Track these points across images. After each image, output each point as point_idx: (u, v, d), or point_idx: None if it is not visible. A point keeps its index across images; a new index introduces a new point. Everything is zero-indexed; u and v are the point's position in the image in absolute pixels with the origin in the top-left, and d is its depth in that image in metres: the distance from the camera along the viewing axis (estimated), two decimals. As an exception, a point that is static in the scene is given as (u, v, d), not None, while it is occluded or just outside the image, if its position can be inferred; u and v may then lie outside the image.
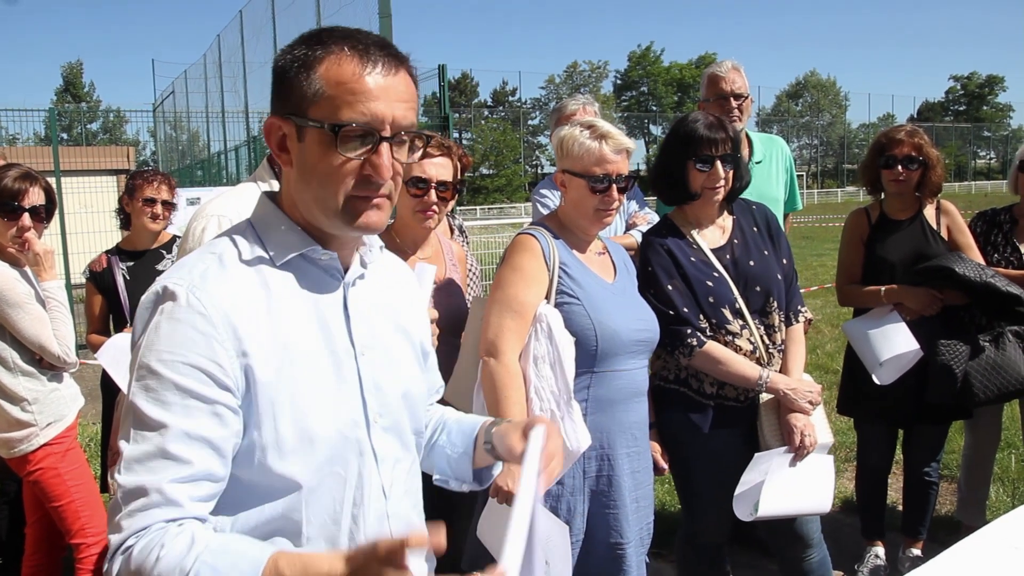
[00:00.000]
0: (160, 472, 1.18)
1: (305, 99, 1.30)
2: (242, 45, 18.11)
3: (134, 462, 1.19)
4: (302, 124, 1.31)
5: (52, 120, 12.40)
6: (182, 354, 1.22)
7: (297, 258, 1.37)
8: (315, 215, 1.36)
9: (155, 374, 1.22)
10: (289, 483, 1.30)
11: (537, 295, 2.53)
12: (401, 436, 1.49)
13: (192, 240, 2.09)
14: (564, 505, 2.54)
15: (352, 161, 1.30)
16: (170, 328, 1.24)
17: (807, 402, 2.82)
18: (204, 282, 1.27)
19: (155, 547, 1.14)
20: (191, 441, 1.20)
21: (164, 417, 1.20)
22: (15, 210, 3.10)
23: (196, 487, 1.21)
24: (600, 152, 2.55)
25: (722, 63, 3.87)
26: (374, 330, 1.46)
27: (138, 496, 1.17)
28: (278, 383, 1.28)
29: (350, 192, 1.31)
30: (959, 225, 3.70)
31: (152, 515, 1.17)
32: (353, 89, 1.28)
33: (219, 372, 1.23)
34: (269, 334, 1.29)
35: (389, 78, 1.31)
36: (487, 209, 49.28)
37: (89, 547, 3.25)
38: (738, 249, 2.94)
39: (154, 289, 1.29)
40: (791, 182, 4.10)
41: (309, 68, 1.30)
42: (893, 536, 4.01)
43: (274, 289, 1.33)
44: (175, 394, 1.21)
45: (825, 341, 8.99)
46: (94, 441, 5.67)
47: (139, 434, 1.20)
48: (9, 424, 3.12)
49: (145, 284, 4.07)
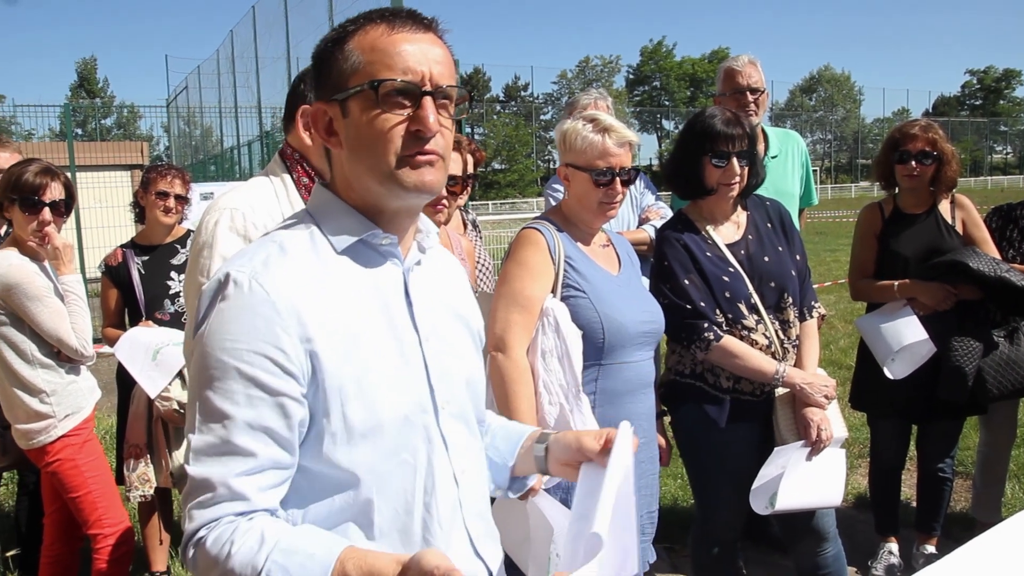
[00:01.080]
0: (226, 465, 1.19)
1: (343, 74, 1.32)
2: (255, 41, 18.19)
3: (201, 453, 1.20)
4: (344, 97, 1.32)
5: (67, 116, 12.50)
6: (245, 341, 1.21)
7: (357, 244, 1.35)
8: (370, 188, 1.34)
9: (219, 362, 1.21)
10: (357, 471, 1.29)
11: (543, 289, 2.53)
12: (468, 423, 1.48)
13: (205, 233, 2.10)
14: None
15: (398, 119, 1.30)
16: (233, 315, 1.23)
17: (823, 396, 2.82)
18: (266, 269, 1.26)
19: (226, 542, 1.16)
20: (255, 432, 1.21)
21: (228, 407, 1.20)
22: (36, 204, 3.13)
23: (263, 477, 1.21)
24: (603, 145, 2.55)
25: (738, 57, 3.86)
26: (435, 316, 1.44)
27: (207, 489, 1.19)
28: (344, 369, 1.27)
29: (400, 152, 1.30)
30: (974, 219, 3.67)
31: (221, 508, 1.19)
32: (387, 50, 1.30)
33: (283, 359, 1.22)
34: (333, 320, 1.27)
35: (419, 36, 1.32)
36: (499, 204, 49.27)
37: (106, 538, 3.28)
38: (753, 245, 2.93)
39: (216, 277, 1.28)
40: (807, 177, 4.09)
41: (342, 44, 1.33)
42: (907, 532, 3.99)
43: (336, 275, 1.32)
44: (239, 383, 1.20)
45: (839, 336, 8.96)
46: (109, 434, 5.72)
47: (205, 424, 1.21)
48: (28, 416, 3.16)
49: (160, 278, 4.11)
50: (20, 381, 3.14)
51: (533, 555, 2.35)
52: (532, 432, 1.63)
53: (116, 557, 3.31)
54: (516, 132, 67.67)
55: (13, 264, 3.10)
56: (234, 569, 1.14)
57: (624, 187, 2.59)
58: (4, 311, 3.10)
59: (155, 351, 3.60)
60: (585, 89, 4.51)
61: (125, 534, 3.34)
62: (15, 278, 3.07)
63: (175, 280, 3.92)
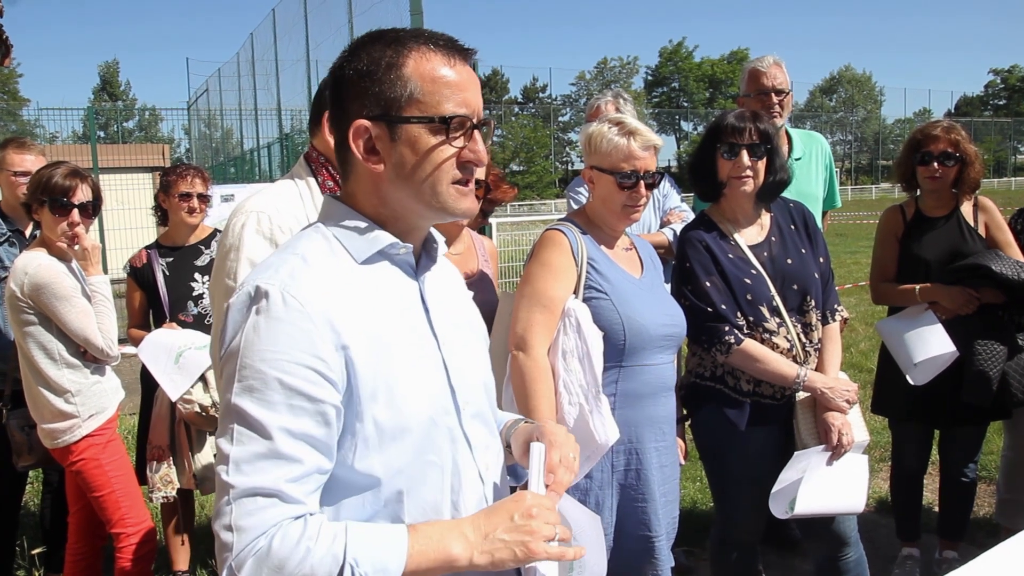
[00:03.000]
0: (273, 472, 1.20)
1: (399, 99, 1.35)
2: (275, 43, 18.29)
3: (244, 463, 1.20)
4: (398, 123, 1.35)
5: (90, 118, 12.64)
6: (285, 352, 1.23)
7: (376, 254, 1.39)
8: (413, 209, 1.40)
9: (259, 373, 1.22)
10: (387, 472, 1.33)
11: (566, 290, 2.54)
12: (487, 422, 1.54)
13: (232, 236, 2.12)
14: (592, 499, 2.55)
15: (455, 151, 1.36)
16: (270, 327, 1.24)
17: (844, 401, 2.80)
18: (294, 280, 1.28)
19: (301, 541, 1.18)
20: (297, 440, 1.22)
21: (270, 418, 1.21)
22: (65, 206, 3.18)
23: (309, 482, 1.24)
24: (628, 148, 2.56)
25: (763, 58, 3.84)
26: (449, 321, 1.49)
27: (255, 496, 1.19)
28: (376, 373, 1.30)
29: (454, 179, 1.37)
30: (997, 222, 3.63)
31: (277, 513, 1.19)
32: (449, 83, 1.35)
33: (324, 367, 1.24)
34: (362, 326, 1.30)
35: (466, 68, 1.39)
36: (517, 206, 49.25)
37: (129, 536, 3.32)
38: (776, 247, 2.92)
39: (245, 291, 1.30)
40: (831, 179, 4.06)
41: (396, 68, 1.35)
42: (929, 538, 3.96)
43: (359, 284, 1.35)
44: (280, 393, 1.22)
45: (859, 339, 8.90)
46: (131, 434, 5.78)
47: (245, 434, 1.21)
48: (53, 415, 3.20)
49: (184, 279, 4.14)
50: (46, 380, 3.19)
51: None
52: (508, 422, 1.70)
53: (139, 556, 3.34)
54: (534, 134, 67.65)
55: (42, 264, 3.15)
56: (314, 565, 1.17)
57: (648, 191, 2.60)
58: (33, 311, 3.15)
59: (178, 354, 3.62)
60: (603, 90, 4.51)
61: (148, 533, 3.38)
62: (44, 278, 3.11)
63: (199, 282, 3.95)
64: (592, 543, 2.36)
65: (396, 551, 1.21)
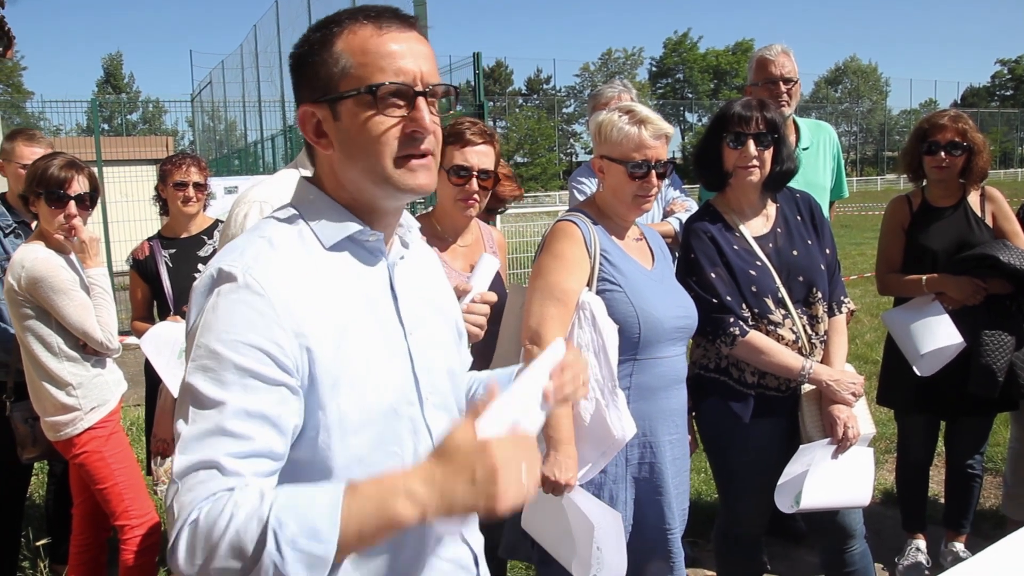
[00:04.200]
0: (217, 447, 1.15)
1: (333, 77, 1.33)
2: (278, 35, 18.27)
3: (192, 441, 1.16)
4: (335, 100, 1.32)
5: (94, 111, 12.62)
6: (241, 334, 1.20)
7: (345, 240, 1.38)
8: (365, 189, 1.37)
9: (214, 354, 1.20)
10: (349, 462, 1.30)
11: (579, 282, 2.51)
12: (450, 413, 1.51)
13: (235, 226, 2.12)
14: (607, 493, 2.54)
15: (394, 122, 1.31)
16: (228, 309, 1.23)
17: (850, 393, 2.78)
18: (257, 263, 1.27)
19: (226, 507, 1.10)
20: (250, 418, 1.18)
21: (223, 396, 1.18)
22: (61, 198, 3.16)
23: (257, 463, 1.18)
24: (639, 137, 2.52)
25: (771, 46, 3.82)
26: (418, 309, 1.47)
27: (196, 470, 1.14)
28: (337, 362, 1.28)
29: (397, 153, 1.32)
30: (1005, 212, 3.61)
31: (213, 485, 1.13)
32: (379, 52, 1.31)
33: (279, 352, 1.22)
34: (325, 314, 1.29)
35: (405, 35, 1.34)
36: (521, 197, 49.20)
37: (133, 528, 3.32)
38: (781, 238, 2.90)
39: (208, 272, 1.29)
40: (838, 170, 4.04)
41: (328, 46, 1.33)
42: (935, 529, 3.95)
43: (324, 271, 1.33)
44: (234, 374, 1.19)
45: (865, 331, 8.87)
46: (136, 425, 5.79)
47: (197, 413, 1.18)
48: (55, 408, 3.20)
49: (188, 270, 4.11)
50: (47, 374, 3.18)
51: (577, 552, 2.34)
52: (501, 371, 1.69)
53: (143, 548, 3.34)
54: (538, 125, 67.51)
55: (39, 257, 3.13)
56: (238, 530, 1.08)
57: (659, 180, 2.56)
58: (31, 304, 3.13)
59: (181, 348, 3.61)
60: (608, 81, 4.48)
61: (152, 525, 3.38)
62: (41, 271, 3.10)
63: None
64: (611, 540, 2.36)
65: (328, 513, 1.09)
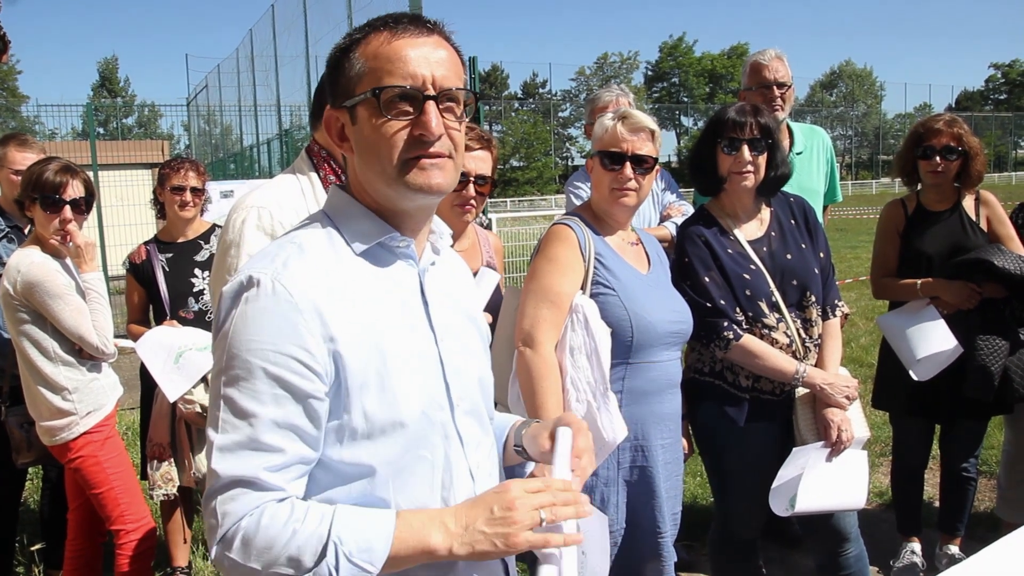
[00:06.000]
0: (254, 460, 1.22)
1: (350, 82, 1.36)
2: (274, 39, 18.25)
3: (227, 451, 1.23)
4: (352, 104, 1.36)
5: (89, 115, 12.61)
6: (271, 342, 1.23)
7: (375, 246, 1.39)
8: (380, 191, 1.38)
9: (244, 363, 1.23)
10: (375, 464, 1.32)
11: (573, 285, 2.52)
12: (480, 419, 1.52)
13: (232, 232, 2.11)
14: (598, 496, 2.54)
15: (401, 125, 1.33)
16: (257, 316, 1.25)
17: (844, 397, 2.79)
18: (287, 270, 1.28)
19: (287, 523, 1.20)
20: (282, 430, 1.23)
21: (254, 407, 1.23)
22: (56, 203, 3.15)
23: (290, 471, 1.25)
24: (615, 131, 2.57)
25: (765, 51, 3.84)
26: (448, 316, 1.48)
27: (238, 484, 1.22)
28: (367, 367, 1.30)
29: (403, 155, 1.33)
30: (999, 216, 3.62)
31: (257, 498, 1.22)
32: (388, 56, 1.34)
33: (309, 359, 1.24)
34: (354, 319, 1.30)
35: (421, 39, 1.35)
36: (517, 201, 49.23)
37: (128, 533, 3.31)
38: (775, 242, 2.91)
39: (237, 279, 1.30)
40: (831, 174, 4.05)
41: (348, 52, 1.38)
42: (929, 532, 3.96)
43: (355, 276, 1.35)
44: (265, 383, 1.23)
45: (859, 334, 8.89)
46: (131, 430, 5.77)
47: (230, 423, 1.23)
48: (50, 412, 3.19)
49: (184, 275, 4.11)
50: (43, 378, 3.18)
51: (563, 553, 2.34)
52: (515, 424, 1.68)
53: (139, 552, 3.34)
54: (534, 129, 67.54)
55: (35, 262, 3.13)
56: (299, 546, 1.19)
57: (638, 175, 2.56)
58: (26, 309, 3.13)
59: (178, 354, 3.59)
60: (606, 85, 4.49)
61: (148, 530, 3.37)
62: (37, 276, 3.10)
63: (199, 277, 3.93)
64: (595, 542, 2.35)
65: (383, 532, 1.22)
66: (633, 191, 2.59)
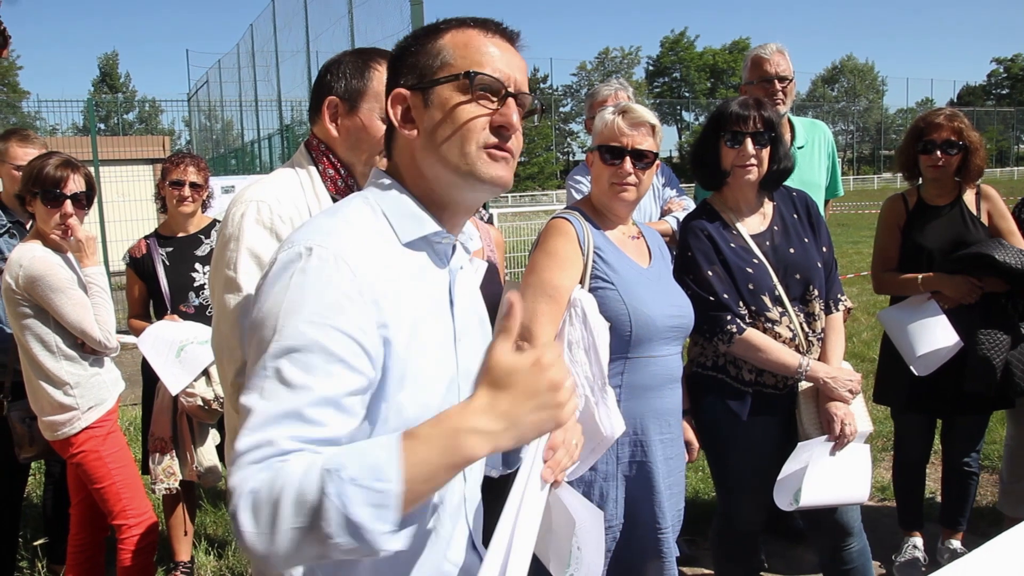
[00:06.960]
0: (292, 429, 1.13)
1: (431, 67, 1.38)
2: (275, 34, 18.22)
3: (267, 417, 1.14)
4: (430, 85, 1.37)
5: (90, 110, 12.56)
6: (331, 317, 1.19)
7: (420, 239, 1.39)
8: (442, 177, 1.38)
9: (301, 334, 1.18)
10: None
11: (571, 279, 2.51)
12: None
13: (231, 226, 2.10)
14: (596, 491, 2.54)
15: (484, 112, 1.35)
16: (319, 288, 1.21)
17: (847, 391, 2.78)
18: (348, 249, 1.26)
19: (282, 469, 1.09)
20: (328, 405, 1.16)
21: (306, 379, 1.15)
22: (57, 197, 3.15)
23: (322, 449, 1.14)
24: (614, 124, 2.56)
25: (766, 45, 3.83)
26: (467, 319, 1.49)
27: (263, 446, 1.12)
28: (407, 359, 1.29)
29: (484, 142, 1.35)
30: (1000, 210, 3.62)
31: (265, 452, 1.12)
32: (479, 49, 1.38)
33: (365, 340, 1.21)
34: (402, 307, 1.29)
35: (507, 45, 1.41)
36: (519, 196, 49.23)
37: (131, 528, 3.32)
38: (778, 236, 2.90)
39: (295, 249, 1.25)
40: (833, 168, 4.05)
41: (432, 40, 1.40)
42: (931, 527, 3.96)
43: (401, 266, 1.34)
44: (320, 357, 1.17)
45: (861, 329, 8.88)
46: (133, 425, 5.78)
47: (276, 392, 1.15)
48: (52, 407, 3.20)
49: (184, 270, 4.11)
50: (45, 373, 3.18)
51: (554, 548, 2.34)
52: None
53: (141, 547, 3.34)
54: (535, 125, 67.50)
55: (37, 256, 3.13)
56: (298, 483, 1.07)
57: (638, 169, 2.56)
58: (28, 303, 3.13)
59: (179, 348, 3.60)
60: (606, 80, 4.49)
61: (150, 525, 3.38)
62: (39, 270, 3.10)
63: (199, 272, 3.93)
64: (591, 538, 2.35)
65: (386, 454, 1.08)
66: (633, 186, 2.58)
